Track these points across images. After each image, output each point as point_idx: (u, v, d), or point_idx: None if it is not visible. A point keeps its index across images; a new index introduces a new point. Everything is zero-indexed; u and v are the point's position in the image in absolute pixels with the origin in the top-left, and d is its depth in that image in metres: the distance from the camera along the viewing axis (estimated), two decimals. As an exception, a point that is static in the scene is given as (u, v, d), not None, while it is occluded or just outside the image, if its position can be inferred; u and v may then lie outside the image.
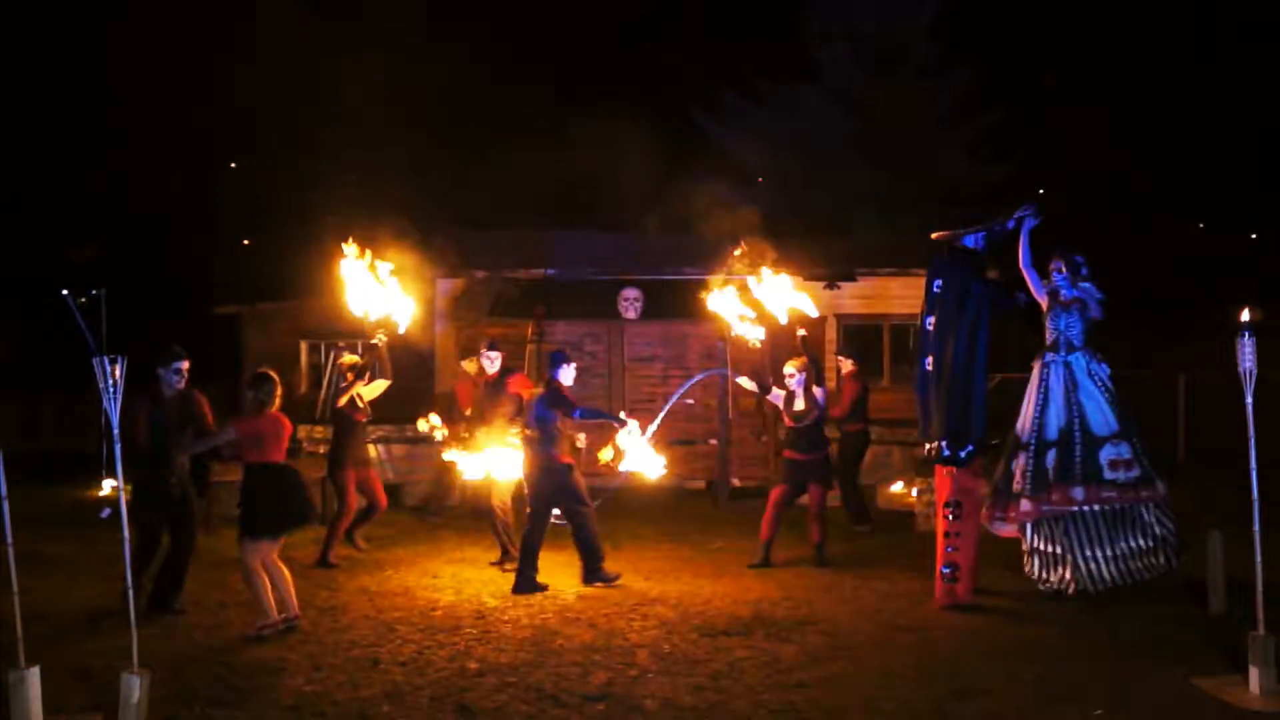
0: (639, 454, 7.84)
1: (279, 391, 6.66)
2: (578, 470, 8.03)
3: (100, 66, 23.60)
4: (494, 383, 8.49)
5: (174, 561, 7.01)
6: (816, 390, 8.51)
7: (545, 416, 7.76)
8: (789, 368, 8.53)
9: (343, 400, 8.75)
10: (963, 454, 7.02)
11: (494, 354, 8.55)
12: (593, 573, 7.82)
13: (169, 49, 23.41)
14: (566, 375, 7.88)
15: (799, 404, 8.45)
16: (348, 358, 9.08)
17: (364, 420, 8.85)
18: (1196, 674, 5.41)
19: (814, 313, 8.45)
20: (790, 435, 8.57)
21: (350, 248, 7.96)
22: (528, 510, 7.90)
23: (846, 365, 10.46)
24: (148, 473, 6.93)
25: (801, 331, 8.59)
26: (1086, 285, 7.30)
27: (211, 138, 24.07)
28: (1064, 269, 7.33)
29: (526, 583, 7.60)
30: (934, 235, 7.51)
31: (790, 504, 8.53)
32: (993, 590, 7.34)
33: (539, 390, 8.05)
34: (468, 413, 8.79)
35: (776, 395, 8.54)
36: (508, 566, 8.15)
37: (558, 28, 25.84)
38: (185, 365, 7.04)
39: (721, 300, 8.44)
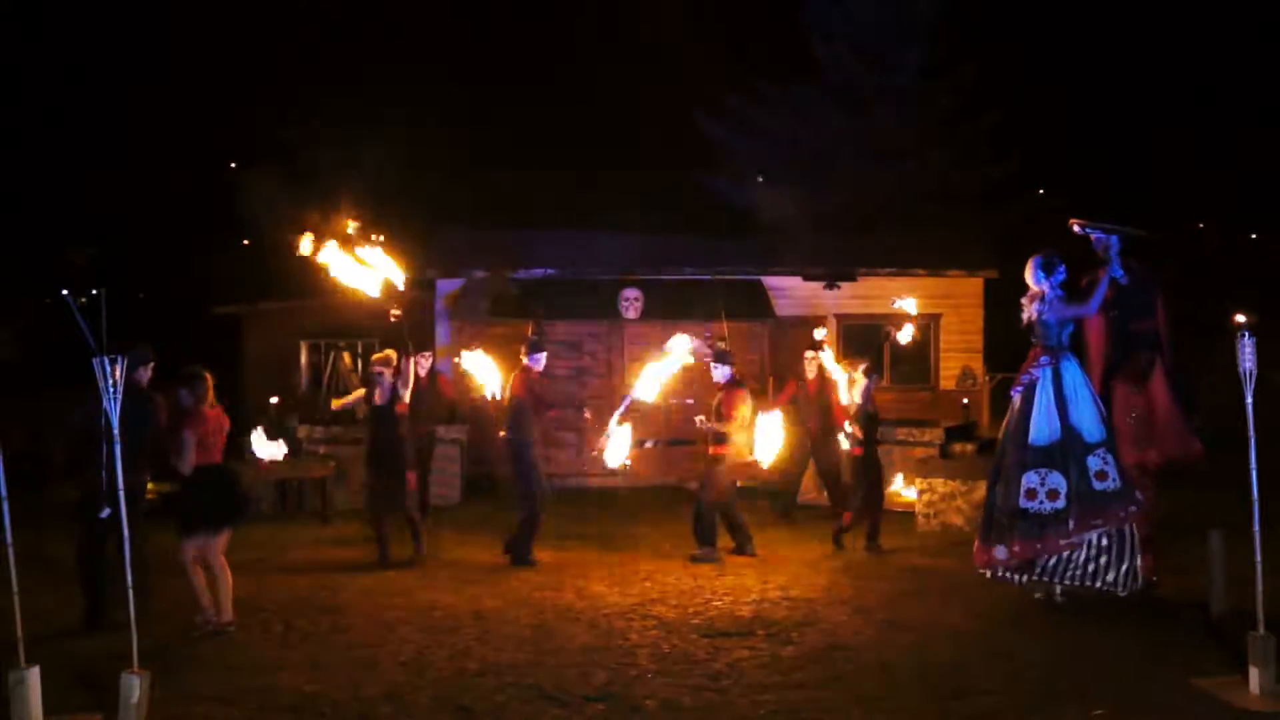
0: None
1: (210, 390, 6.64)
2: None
3: (102, 68, 23.64)
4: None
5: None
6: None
7: None
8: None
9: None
10: None
11: (724, 367, 8.96)
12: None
13: (169, 50, 23.47)
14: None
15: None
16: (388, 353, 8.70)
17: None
18: (1196, 674, 5.40)
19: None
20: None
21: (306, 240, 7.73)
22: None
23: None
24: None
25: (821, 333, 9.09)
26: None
27: (213, 137, 24.11)
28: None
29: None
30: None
31: None
32: (991, 591, 7.33)
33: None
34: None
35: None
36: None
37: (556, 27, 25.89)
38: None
39: None
